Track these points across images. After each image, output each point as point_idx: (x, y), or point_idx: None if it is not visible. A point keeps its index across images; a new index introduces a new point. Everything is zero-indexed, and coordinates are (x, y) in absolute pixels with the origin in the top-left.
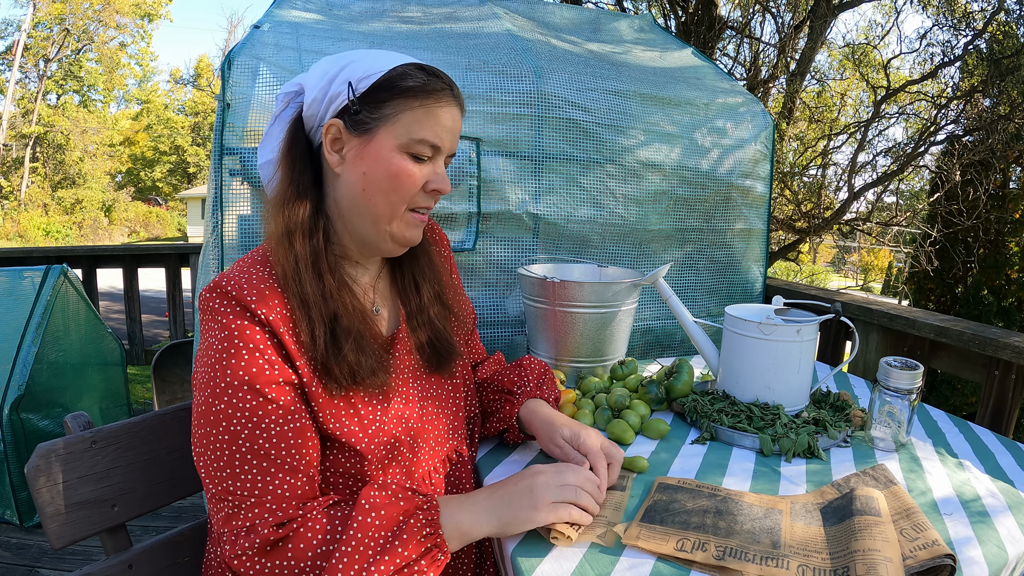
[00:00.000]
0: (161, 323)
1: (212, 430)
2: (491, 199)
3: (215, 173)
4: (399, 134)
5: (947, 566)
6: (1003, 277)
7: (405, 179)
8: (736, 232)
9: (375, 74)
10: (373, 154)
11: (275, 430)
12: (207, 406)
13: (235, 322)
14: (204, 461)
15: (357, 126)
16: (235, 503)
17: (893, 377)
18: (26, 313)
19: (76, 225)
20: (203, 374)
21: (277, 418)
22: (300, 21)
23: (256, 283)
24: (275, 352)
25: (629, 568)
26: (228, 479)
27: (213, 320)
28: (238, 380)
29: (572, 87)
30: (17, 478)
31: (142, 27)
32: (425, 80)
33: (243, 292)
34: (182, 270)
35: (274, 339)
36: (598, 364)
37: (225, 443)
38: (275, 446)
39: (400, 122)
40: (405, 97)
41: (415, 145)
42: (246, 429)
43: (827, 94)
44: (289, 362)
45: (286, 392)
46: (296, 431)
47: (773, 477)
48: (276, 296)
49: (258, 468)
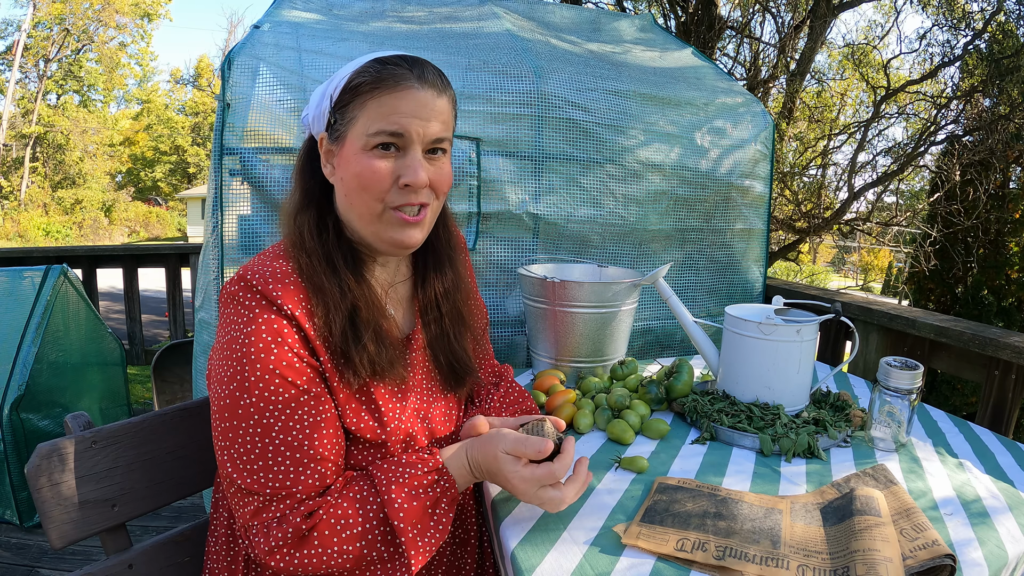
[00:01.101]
0: (161, 323)
1: (241, 423)
2: (491, 199)
3: (215, 173)
4: (359, 133)
5: (947, 566)
6: (1003, 277)
7: (369, 176)
8: (736, 232)
9: (342, 80)
10: (344, 159)
11: (307, 420)
12: (233, 400)
13: (263, 315)
14: (232, 455)
15: (334, 134)
16: (267, 496)
17: (893, 377)
18: (26, 313)
19: (76, 225)
20: (227, 367)
21: (310, 409)
22: (300, 21)
23: (280, 277)
24: (302, 345)
25: (629, 568)
26: (260, 471)
27: (237, 313)
28: (270, 372)
29: (572, 87)
30: (17, 478)
31: (142, 27)
32: (377, 72)
33: (268, 286)
34: (182, 270)
35: (300, 332)
36: (598, 364)
37: (258, 436)
38: (308, 436)
39: (360, 120)
40: (359, 94)
41: (373, 139)
42: (279, 421)
43: (827, 94)
44: (314, 355)
45: (315, 382)
46: (328, 420)
47: (773, 477)
48: (300, 290)
49: (291, 459)
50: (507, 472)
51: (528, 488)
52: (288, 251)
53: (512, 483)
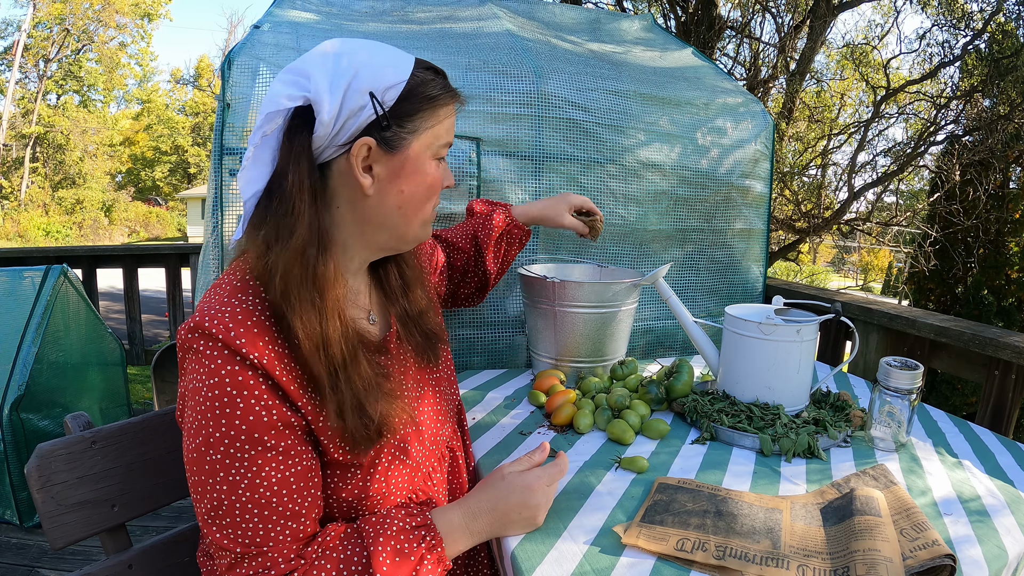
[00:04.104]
0: (161, 323)
1: (208, 479)
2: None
3: (215, 173)
4: (429, 143)
5: (947, 566)
6: (1003, 277)
7: (437, 186)
8: (736, 232)
9: (399, 84)
10: (412, 171)
11: (276, 477)
12: (200, 455)
13: (224, 367)
14: (202, 509)
15: (389, 143)
16: (237, 554)
17: (893, 377)
18: (26, 313)
19: (76, 225)
20: (193, 420)
21: (278, 464)
22: (300, 21)
23: (242, 319)
24: (271, 395)
25: (629, 568)
26: (228, 528)
27: (199, 363)
28: (235, 430)
29: (572, 87)
30: (17, 478)
31: (142, 27)
32: (443, 84)
33: (230, 334)
34: (182, 270)
35: (269, 381)
36: (598, 364)
37: (224, 493)
38: (276, 494)
39: (430, 131)
40: (432, 107)
41: (442, 150)
42: (245, 479)
43: (827, 94)
44: (288, 403)
45: (286, 436)
46: (298, 475)
47: (773, 477)
48: (266, 332)
49: (260, 517)
50: (526, 481)
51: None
52: (249, 278)
53: (532, 487)
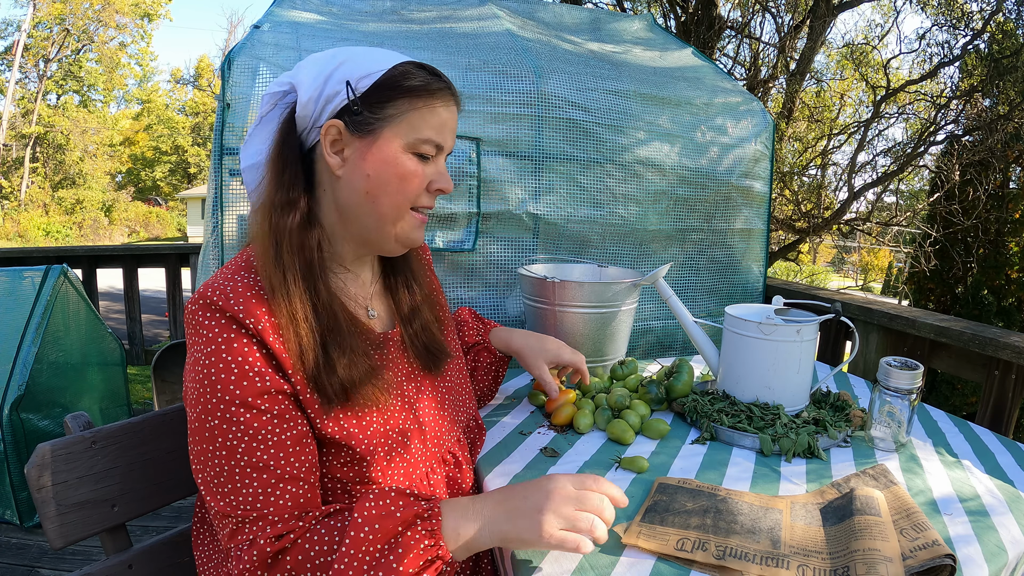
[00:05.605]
0: (161, 323)
1: (209, 447)
2: (491, 199)
3: (215, 173)
4: (404, 134)
5: (947, 566)
6: (1003, 277)
7: (412, 179)
8: (736, 232)
9: (375, 73)
10: (378, 155)
11: (272, 440)
12: (200, 423)
13: (222, 335)
14: (204, 478)
15: (359, 127)
16: (239, 518)
17: (893, 377)
18: (26, 313)
19: (76, 225)
20: (193, 390)
21: (273, 428)
22: (300, 21)
23: (242, 291)
24: (265, 363)
25: (629, 568)
26: (230, 494)
27: (198, 334)
28: (229, 395)
29: (572, 87)
30: (17, 478)
31: (142, 27)
32: (427, 79)
33: (229, 302)
34: (182, 270)
35: (263, 349)
36: (598, 364)
37: (223, 458)
38: (273, 456)
39: (405, 122)
40: (409, 97)
41: (421, 145)
42: (242, 443)
43: (826, 94)
44: (280, 371)
45: (279, 401)
46: (294, 438)
47: (773, 477)
48: (263, 304)
49: (259, 480)
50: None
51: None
52: (253, 260)
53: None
